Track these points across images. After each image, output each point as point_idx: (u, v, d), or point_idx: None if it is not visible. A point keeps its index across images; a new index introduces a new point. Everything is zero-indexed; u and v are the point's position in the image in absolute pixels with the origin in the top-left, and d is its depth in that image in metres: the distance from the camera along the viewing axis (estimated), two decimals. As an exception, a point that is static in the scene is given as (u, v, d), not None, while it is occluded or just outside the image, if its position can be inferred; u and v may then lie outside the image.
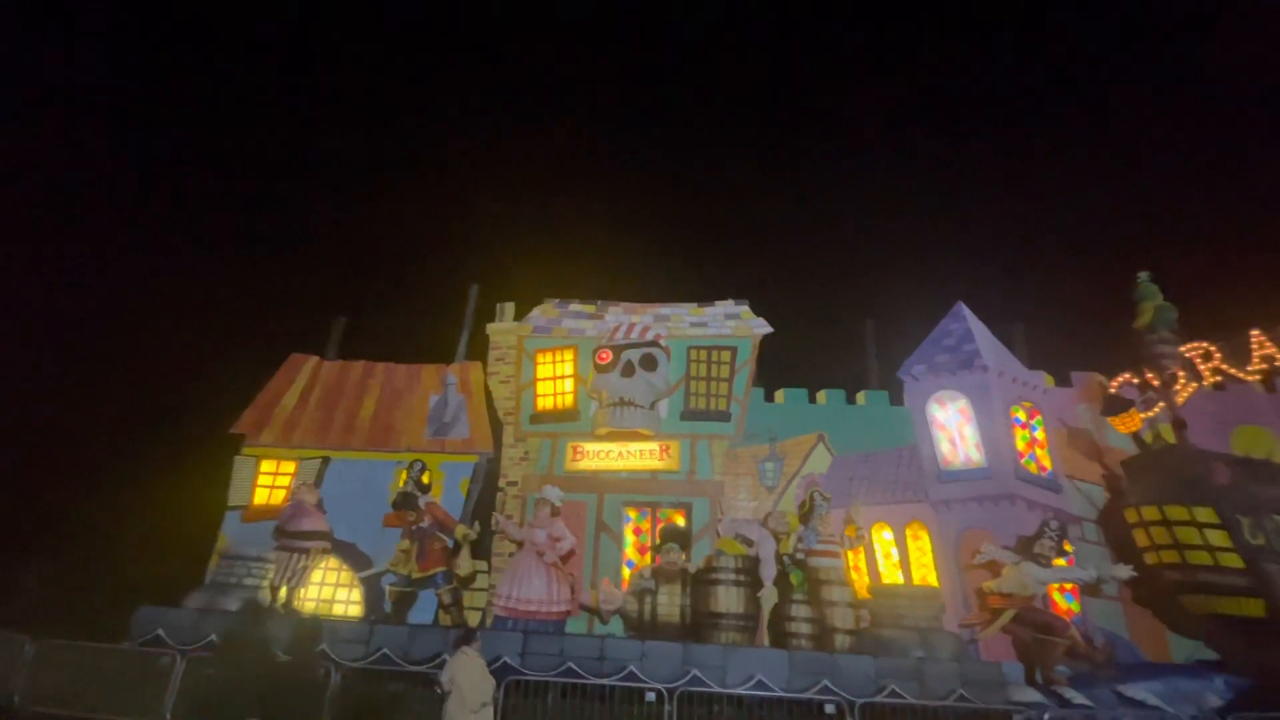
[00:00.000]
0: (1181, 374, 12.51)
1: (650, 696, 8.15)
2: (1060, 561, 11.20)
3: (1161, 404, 12.28)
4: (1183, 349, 12.62)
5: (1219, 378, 12.83)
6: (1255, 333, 12.67)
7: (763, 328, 13.51)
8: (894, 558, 12.69)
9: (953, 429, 12.94)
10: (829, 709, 8.05)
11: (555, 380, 13.77)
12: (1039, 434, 12.92)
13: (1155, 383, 12.45)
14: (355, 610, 11.99)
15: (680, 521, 12.40)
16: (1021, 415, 12.91)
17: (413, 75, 42.00)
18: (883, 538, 12.86)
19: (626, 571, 12.20)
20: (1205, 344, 12.77)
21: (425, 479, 12.06)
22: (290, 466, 13.42)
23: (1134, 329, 12.79)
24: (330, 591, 12.23)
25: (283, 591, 11.10)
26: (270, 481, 13.38)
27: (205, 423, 15.31)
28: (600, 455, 13.10)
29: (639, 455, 13.01)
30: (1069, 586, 11.42)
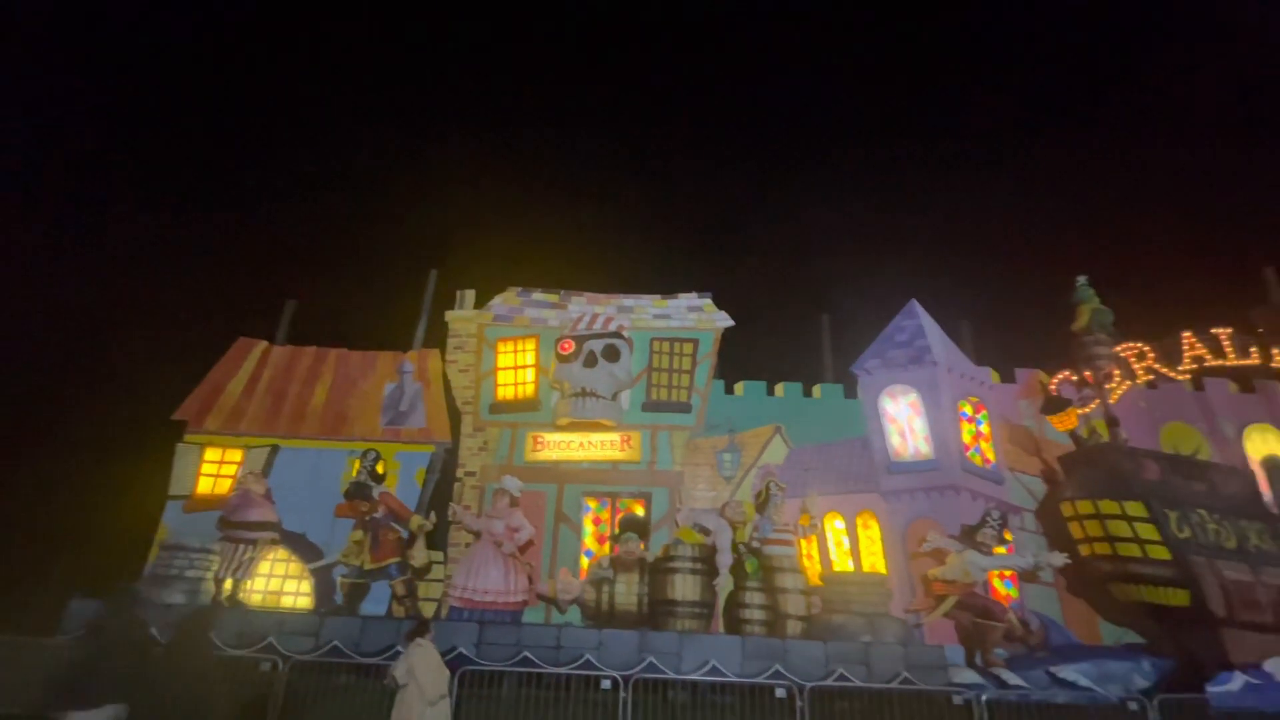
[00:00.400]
0: (1116, 373, 13.25)
1: (606, 684, 8.22)
2: (1001, 549, 11.74)
3: (1097, 401, 12.93)
4: (1118, 349, 13.34)
5: (1151, 376, 13.69)
6: (1187, 334, 13.65)
7: (724, 321, 13.67)
8: (845, 546, 13.06)
9: (903, 422, 13.35)
10: (779, 693, 8.27)
11: (516, 370, 13.64)
12: (984, 428, 13.44)
13: (1091, 381, 13.09)
14: (305, 602, 11.70)
15: (640, 511, 12.49)
16: (968, 409, 13.41)
17: (376, 56, 40.67)
18: (835, 527, 13.22)
19: (585, 561, 12.24)
20: (1140, 344, 13.58)
21: (379, 469, 11.82)
22: (236, 455, 12.94)
23: (1072, 330, 13.39)
24: (279, 583, 11.90)
25: (228, 584, 10.75)
26: (215, 470, 12.87)
27: (146, 408, 14.64)
28: (561, 446, 13.05)
29: (600, 446, 13.02)
30: (1008, 573, 11.97)
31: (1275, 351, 13.59)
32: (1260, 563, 10.82)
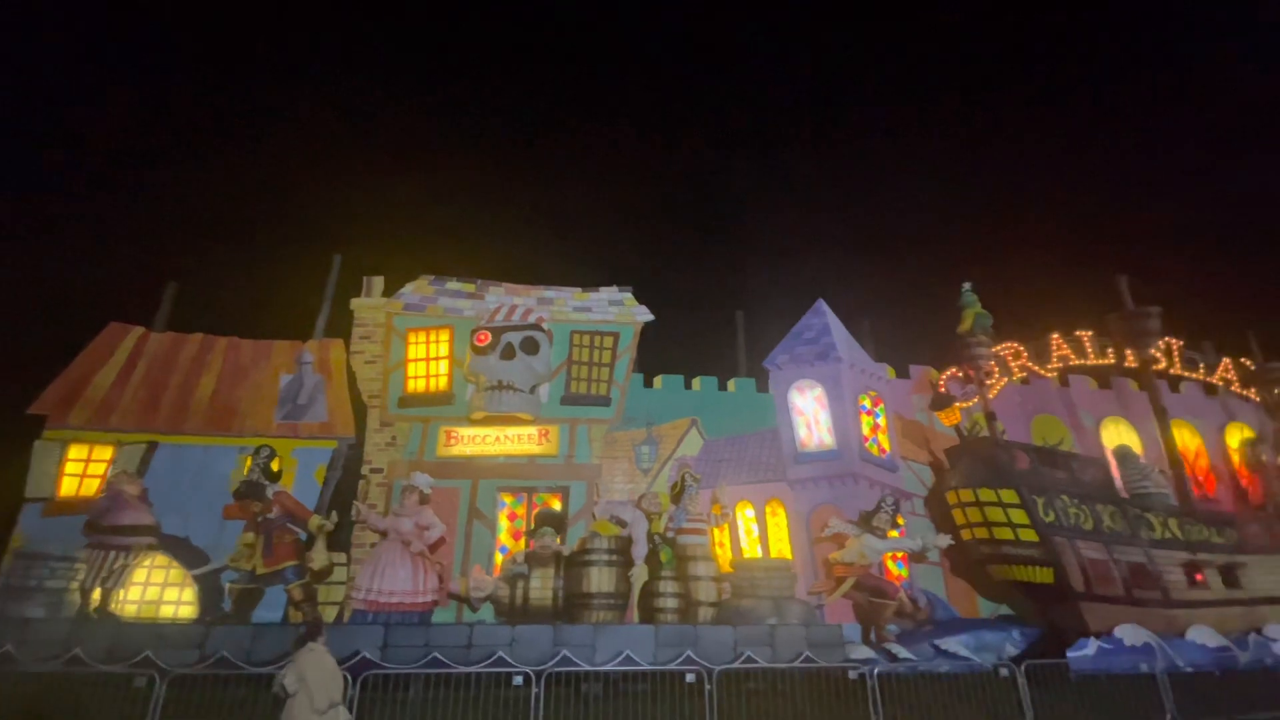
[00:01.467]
0: (995, 370, 14.53)
1: (518, 681, 8.11)
2: (894, 533, 12.64)
3: (977, 397, 14.12)
4: (996, 349, 14.64)
5: (1024, 374, 15.19)
6: (1055, 336, 15.39)
7: (645, 315, 13.74)
8: (755, 534, 13.58)
9: (810, 415, 14.02)
10: (689, 678, 8.47)
11: (428, 361, 13.12)
12: (881, 420, 14.35)
13: (973, 378, 14.28)
14: (188, 611, 10.80)
15: (556, 506, 12.41)
16: (867, 403, 14.26)
17: (282, 22, 37.72)
18: (746, 515, 13.71)
19: (499, 557, 12.02)
20: (1015, 345, 15.03)
21: (274, 466, 11.05)
22: (106, 452, 11.71)
23: (958, 332, 14.57)
24: (157, 592, 10.92)
25: (96, 594, 9.77)
26: (80, 470, 11.60)
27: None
28: (476, 440, 12.72)
29: (517, 440, 12.80)
30: (900, 555, 12.89)
31: (1128, 352, 15.37)
32: (1112, 542, 12.19)
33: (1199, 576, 12.43)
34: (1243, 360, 16.57)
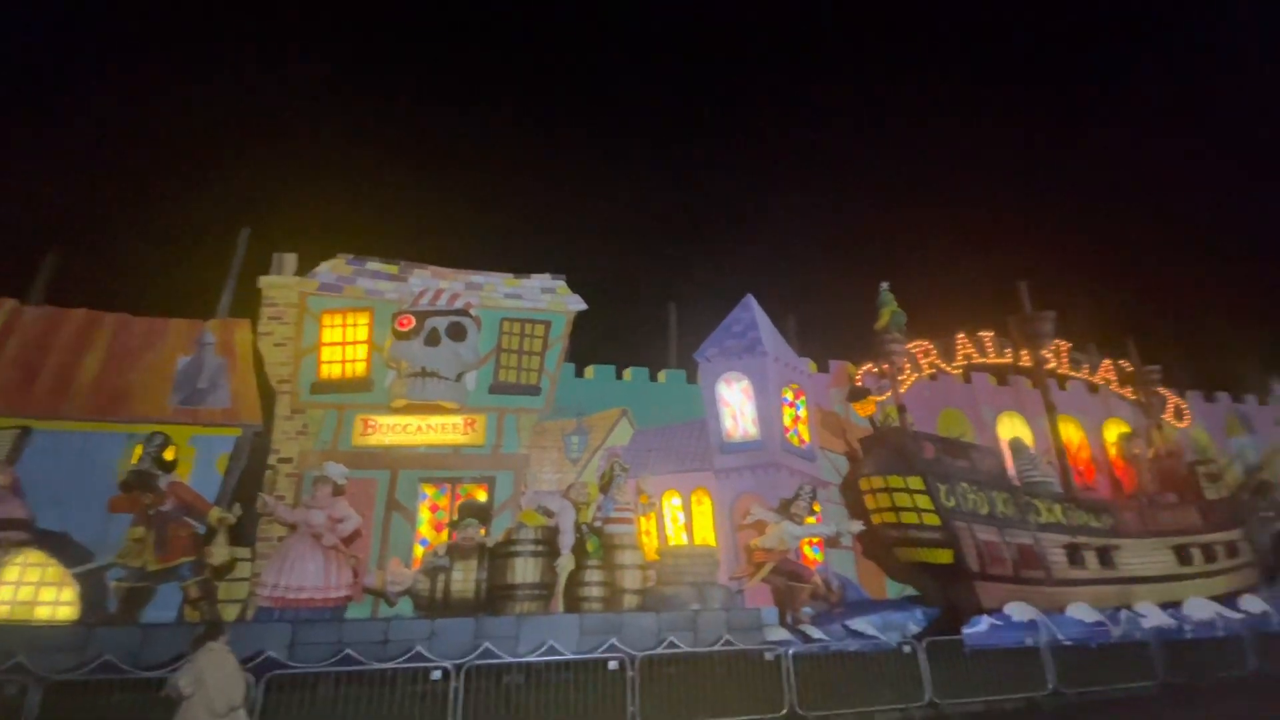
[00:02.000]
0: (907, 366, 15.39)
1: (436, 675, 7.90)
2: (811, 520, 13.20)
3: (890, 391, 14.90)
4: (909, 346, 15.51)
5: (933, 371, 16.18)
6: (960, 336, 16.58)
7: (578, 304, 13.59)
8: (680, 522, 13.82)
9: (736, 406, 14.37)
10: (612, 665, 8.52)
11: (345, 346, 12.48)
12: (802, 412, 14.91)
13: (887, 373, 15.06)
14: (67, 613, 9.84)
15: (482, 496, 12.15)
16: (790, 395, 14.77)
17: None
18: (672, 504, 13.92)
19: (419, 550, 11.65)
20: (925, 343, 15.96)
21: (168, 455, 10.23)
22: (-31, 439, 10.48)
23: (875, 329, 15.32)
24: (31, 592, 9.89)
25: (-47, 596, 8.74)
26: (-63, 458, 10.33)
27: None
28: (396, 429, 12.23)
29: (441, 429, 12.41)
30: (816, 540, 13.48)
31: (1024, 352, 16.63)
32: (1004, 525, 13.17)
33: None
34: (1121, 362, 18.27)
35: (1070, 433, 17.19)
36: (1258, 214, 45.22)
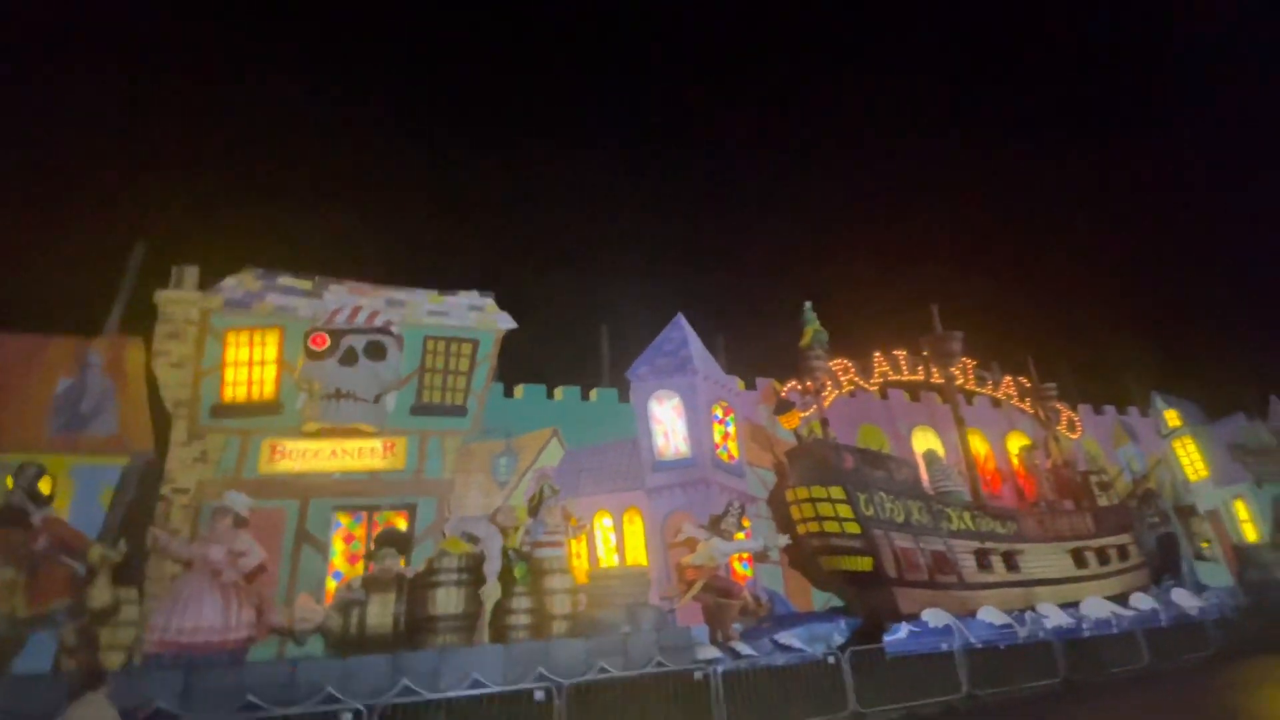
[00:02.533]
0: (829, 383, 15.99)
1: (347, 717, 7.38)
2: (740, 535, 13.38)
3: (814, 406, 15.42)
4: (830, 363, 16.15)
5: (853, 387, 16.87)
6: (877, 355, 17.43)
7: (507, 322, 13.30)
8: (612, 543, 13.66)
9: (667, 424, 14.46)
10: (538, 696, 8.24)
11: (251, 366, 11.70)
12: (731, 429, 15.17)
13: (811, 389, 15.59)
14: (-87, 670, 8.62)
15: (402, 525, 11.59)
16: (719, 412, 15.01)
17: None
18: (604, 524, 13.75)
19: (332, 584, 10.95)
20: (845, 361, 16.66)
21: (44, 487, 9.25)
22: None
23: (799, 347, 15.86)
24: None
25: None
26: None
27: None
28: (307, 455, 11.54)
29: (357, 454, 11.80)
30: (746, 555, 13.63)
31: (934, 370, 17.62)
32: (920, 533, 13.79)
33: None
34: (1021, 379, 19.65)
35: (977, 445, 18.30)
36: (1139, 243, 50.19)
